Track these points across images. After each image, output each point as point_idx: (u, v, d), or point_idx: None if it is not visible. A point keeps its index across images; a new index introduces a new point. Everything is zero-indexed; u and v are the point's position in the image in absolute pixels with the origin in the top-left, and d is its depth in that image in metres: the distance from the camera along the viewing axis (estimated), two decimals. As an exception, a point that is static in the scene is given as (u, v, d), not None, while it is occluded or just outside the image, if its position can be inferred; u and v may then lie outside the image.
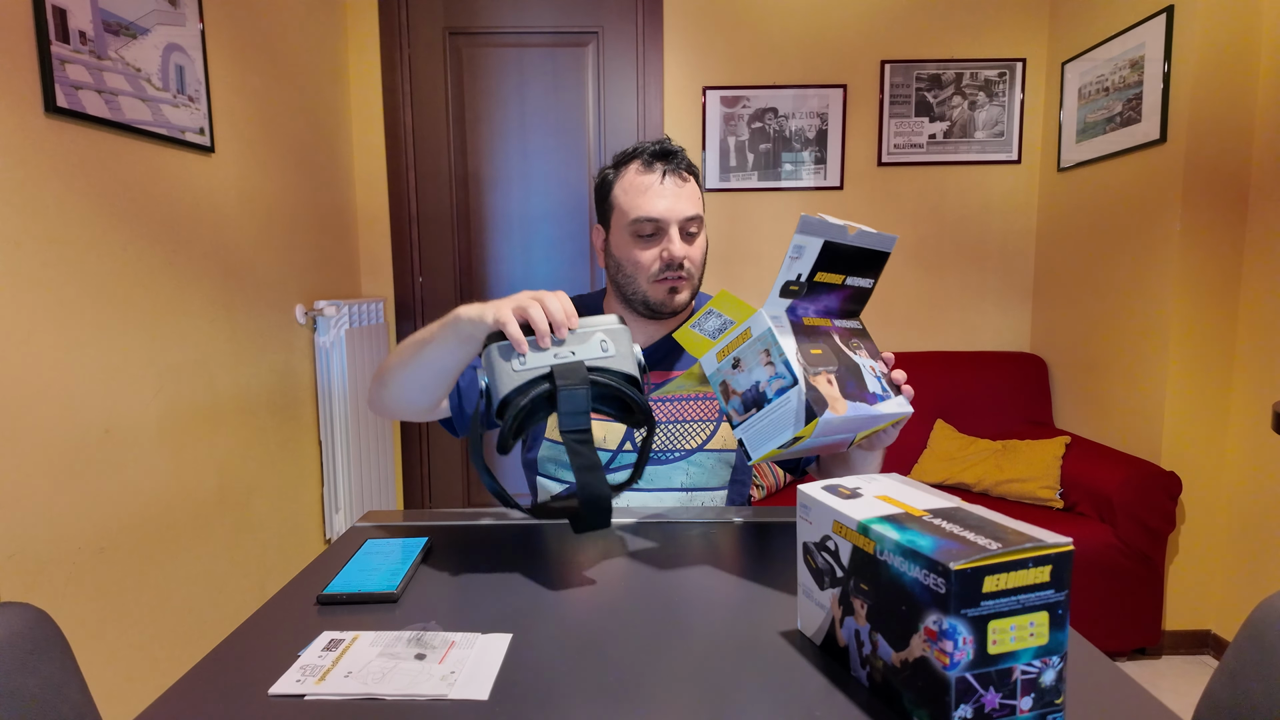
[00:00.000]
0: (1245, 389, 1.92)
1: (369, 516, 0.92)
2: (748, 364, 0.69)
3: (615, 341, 0.74)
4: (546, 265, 2.59)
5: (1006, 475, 2.12)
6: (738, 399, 0.70)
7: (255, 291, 1.81)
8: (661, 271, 1.00)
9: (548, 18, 2.49)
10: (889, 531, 0.48)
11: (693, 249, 1.01)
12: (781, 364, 0.67)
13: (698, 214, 1.01)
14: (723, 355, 0.70)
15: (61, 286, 1.22)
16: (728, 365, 0.70)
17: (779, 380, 0.67)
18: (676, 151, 1.01)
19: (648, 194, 0.99)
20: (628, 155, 1.03)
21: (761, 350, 0.68)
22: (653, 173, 0.99)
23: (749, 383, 0.69)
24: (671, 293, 1.01)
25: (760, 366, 0.68)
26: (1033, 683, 0.44)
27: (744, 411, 0.70)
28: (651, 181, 0.99)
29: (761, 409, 0.68)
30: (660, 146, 1.01)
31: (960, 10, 2.50)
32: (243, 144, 1.76)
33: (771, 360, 0.67)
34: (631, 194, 1.00)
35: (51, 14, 1.18)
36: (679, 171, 1.00)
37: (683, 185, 1.00)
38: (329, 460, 2.15)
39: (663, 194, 0.98)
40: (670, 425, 1.04)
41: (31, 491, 1.16)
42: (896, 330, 2.63)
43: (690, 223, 1.00)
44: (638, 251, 1.01)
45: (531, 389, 0.70)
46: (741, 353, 0.69)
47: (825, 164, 2.54)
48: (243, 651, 0.58)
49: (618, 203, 1.02)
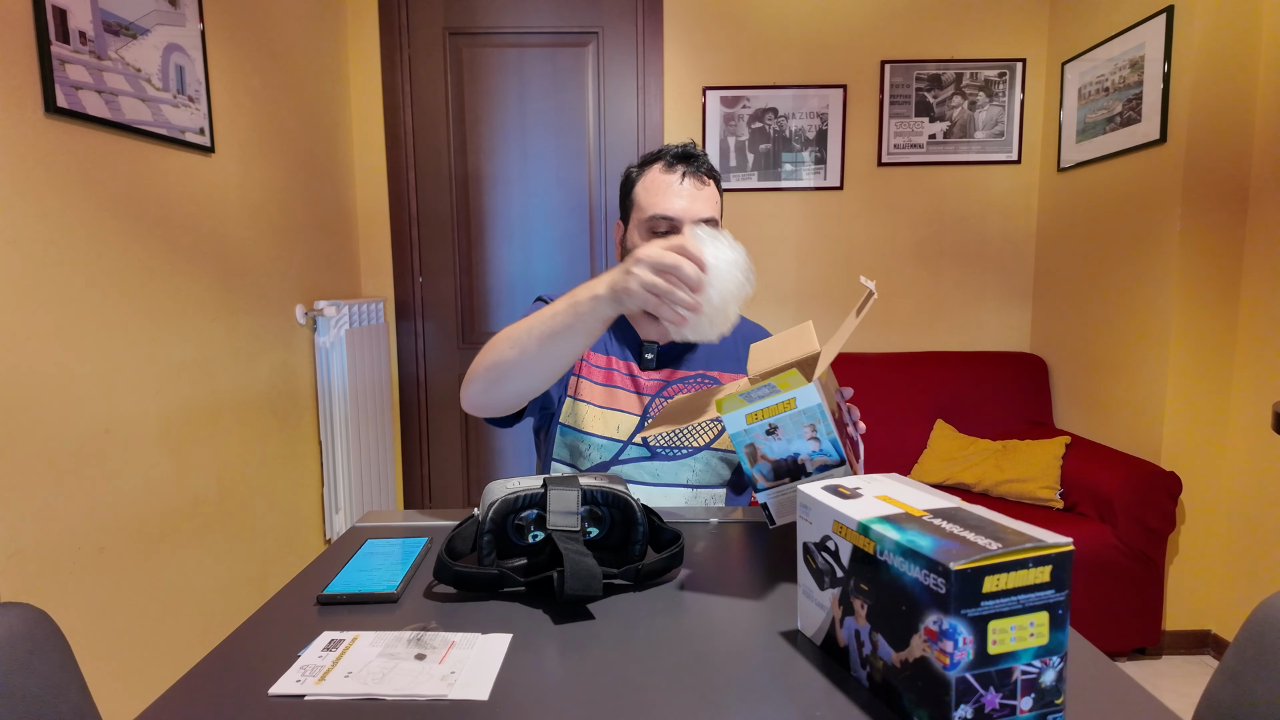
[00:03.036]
0: (1245, 389, 1.92)
1: (369, 516, 0.92)
2: (787, 434, 0.68)
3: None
4: (546, 265, 2.59)
5: (1006, 475, 2.12)
6: (768, 465, 0.70)
7: (255, 291, 1.81)
8: None
9: (548, 18, 2.49)
10: (889, 531, 0.48)
11: None
12: (829, 442, 0.67)
13: (713, 216, 1.03)
14: (754, 418, 0.69)
15: (61, 286, 1.22)
16: (760, 429, 0.68)
17: (823, 457, 0.68)
18: (699, 155, 1.04)
19: (666, 193, 1.01)
20: (653, 156, 1.06)
21: (807, 424, 0.67)
22: (673, 173, 1.02)
23: (786, 452, 0.69)
24: None
25: (802, 440, 0.68)
26: (1033, 683, 0.44)
27: (774, 479, 0.70)
28: (671, 181, 1.02)
29: (797, 480, 0.69)
30: (684, 149, 1.05)
31: (960, 10, 2.50)
32: (243, 144, 1.76)
33: (817, 435, 0.67)
34: (651, 192, 1.03)
35: (51, 14, 1.18)
36: (699, 174, 1.03)
37: (701, 188, 1.02)
38: (329, 460, 2.15)
39: (681, 194, 1.01)
40: None
41: (31, 491, 1.16)
42: (896, 330, 2.63)
43: (706, 225, 1.01)
44: None
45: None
46: (780, 421, 0.68)
47: (825, 164, 2.54)
48: (243, 651, 0.58)
49: (638, 199, 1.05)
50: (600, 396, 1.07)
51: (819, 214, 2.57)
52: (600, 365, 1.09)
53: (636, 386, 1.07)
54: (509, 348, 0.86)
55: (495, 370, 0.87)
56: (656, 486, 1.04)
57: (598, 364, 1.09)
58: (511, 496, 0.70)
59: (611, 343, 1.10)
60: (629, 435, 1.05)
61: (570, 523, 0.69)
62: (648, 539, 0.73)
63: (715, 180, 1.06)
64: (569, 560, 0.64)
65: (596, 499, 0.73)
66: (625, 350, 1.10)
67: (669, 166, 1.03)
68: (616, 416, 1.05)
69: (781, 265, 2.59)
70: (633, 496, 0.73)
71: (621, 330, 1.11)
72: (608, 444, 1.04)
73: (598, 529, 0.73)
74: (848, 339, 0.71)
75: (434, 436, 2.65)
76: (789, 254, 2.58)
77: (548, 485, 0.71)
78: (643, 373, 1.08)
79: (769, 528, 0.86)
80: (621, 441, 1.04)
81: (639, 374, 1.08)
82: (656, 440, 1.05)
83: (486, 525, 0.69)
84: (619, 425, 1.05)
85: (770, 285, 2.60)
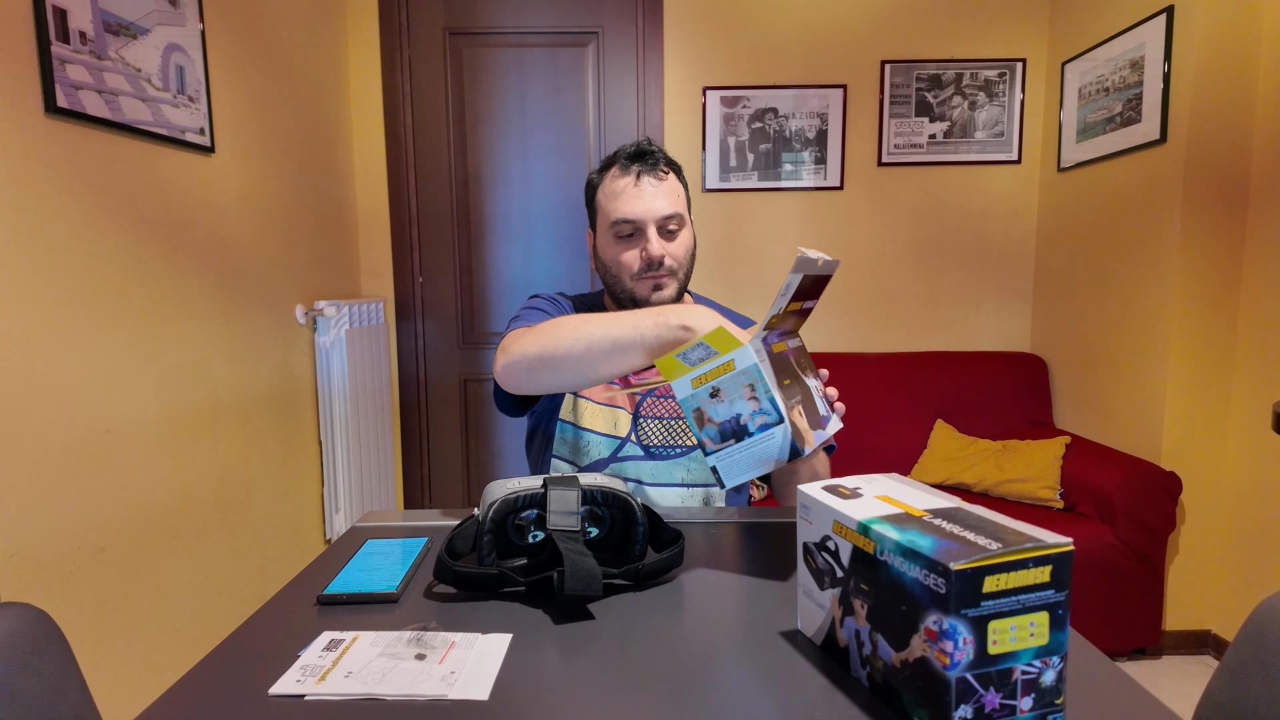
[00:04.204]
0: (1245, 389, 1.92)
1: (369, 516, 0.92)
2: (729, 395, 0.69)
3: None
4: (546, 265, 2.59)
5: (1006, 475, 2.12)
6: (714, 428, 0.70)
7: (255, 291, 1.81)
8: (643, 270, 1.03)
9: (548, 18, 2.49)
10: (889, 531, 0.48)
11: (674, 245, 1.04)
12: (767, 401, 0.68)
13: (676, 212, 1.02)
14: (699, 382, 0.71)
15: (61, 286, 1.22)
16: (704, 393, 0.70)
17: (763, 416, 0.68)
18: (652, 151, 1.04)
19: (624, 196, 1.02)
20: (609, 160, 1.06)
21: (745, 384, 0.68)
22: (629, 175, 1.02)
23: (729, 414, 0.70)
24: (656, 289, 1.04)
25: (743, 400, 0.69)
26: (1033, 683, 0.44)
27: (720, 441, 0.70)
28: (628, 183, 1.02)
29: (741, 440, 0.69)
30: (636, 147, 1.04)
31: (960, 10, 2.50)
32: (243, 144, 1.76)
33: (756, 395, 0.68)
34: (610, 196, 1.03)
35: (51, 14, 1.18)
36: (655, 170, 1.02)
37: (659, 184, 1.02)
38: (329, 460, 2.15)
39: (639, 195, 1.01)
40: (670, 420, 1.05)
41: (31, 491, 1.16)
42: (896, 330, 2.63)
43: (669, 220, 1.03)
44: (620, 252, 1.04)
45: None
46: (722, 384, 0.69)
47: (825, 164, 2.54)
48: (243, 651, 0.58)
49: (600, 205, 1.06)
50: (599, 393, 1.07)
51: (819, 214, 2.57)
52: None
53: (626, 383, 1.07)
54: (574, 341, 0.84)
55: (551, 358, 0.85)
56: (653, 486, 1.04)
57: None
58: (511, 496, 0.70)
59: None
60: (626, 432, 1.05)
61: (570, 523, 0.69)
62: (648, 539, 0.73)
63: (677, 171, 1.06)
64: (569, 560, 0.64)
65: (596, 499, 0.73)
66: None
67: (624, 168, 1.03)
68: (614, 413, 1.06)
69: (781, 265, 2.58)
70: (633, 496, 0.73)
71: None
72: (606, 441, 1.04)
73: (598, 529, 0.73)
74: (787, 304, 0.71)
75: (434, 436, 2.65)
76: (789, 254, 2.58)
77: (548, 485, 0.71)
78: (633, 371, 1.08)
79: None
80: (620, 438, 1.04)
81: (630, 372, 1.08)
82: (651, 439, 1.05)
83: (486, 525, 0.69)
84: (616, 421, 1.05)
85: (770, 285, 2.60)
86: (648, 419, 1.06)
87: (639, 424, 1.05)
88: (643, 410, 1.06)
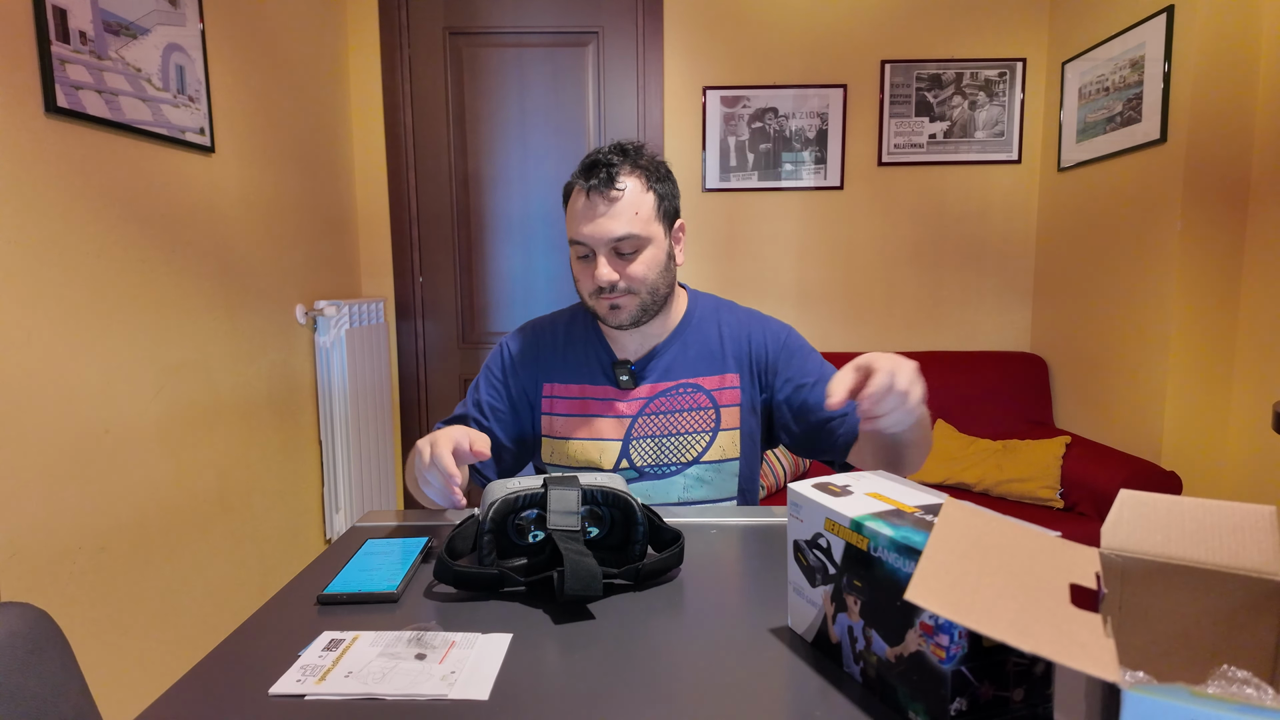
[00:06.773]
0: (1245, 389, 1.92)
1: (369, 516, 0.92)
2: None
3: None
4: (546, 265, 2.59)
5: (1007, 475, 2.12)
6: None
7: (255, 291, 1.81)
8: (599, 291, 0.97)
9: (548, 18, 2.49)
10: (882, 528, 0.48)
11: (631, 267, 0.96)
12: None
13: (630, 233, 0.94)
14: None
15: (61, 286, 1.22)
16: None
17: None
18: (608, 163, 0.94)
19: (578, 216, 0.96)
20: (576, 170, 0.99)
21: None
22: (582, 193, 0.96)
23: None
24: (612, 309, 0.98)
25: None
26: (1025, 674, 0.44)
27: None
28: (581, 201, 0.96)
29: None
30: (592, 160, 0.96)
31: (960, 10, 2.50)
32: (243, 144, 1.76)
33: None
34: (570, 214, 0.98)
35: (52, 14, 1.18)
36: (608, 188, 0.93)
37: (610, 204, 0.94)
38: (329, 460, 2.15)
39: (589, 216, 0.95)
40: (663, 439, 1.02)
41: (31, 491, 1.16)
42: (896, 330, 2.63)
43: (622, 243, 0.95)
44: (579, 270, 1.00)
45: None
46: None
47: (825, 164, 2.54)
48: (243, 651, 0.58)
49: (567, 221, 1.00)
50: (578, 429, 1.03)
51: (819, 214, 2.57)
52: (574, 396, 1.04)
53: (615, 411, 1.03)
54: (416, 482, 0.91)
55: (419, 494, 0.92)
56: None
57: (569, 395, 1.04)
58: (512, 496, 0.70)
59: (581, 370, 1.05)
60: (613, 464, 1.02)
61: (570, 522, 0.70)
62: (648, 539, 0.73)
63: (643, 174, 0.96)
64: (569, 560, 0.64)
65: (597, 499, 0.73)
66: (597, 374, 1.04)
67: (581, 184, 0.96)
68: (599, 446, 1.02)
69: (781, 265, 2.59)
70: (633, 496, 0.73)
71: (588, 354, 1.06)
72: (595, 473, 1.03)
73: (598, 529, 0.74)
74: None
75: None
76: (789, 254, 2.58)
77: (548, 485, 0.71)
78: (621, 393, 1.03)
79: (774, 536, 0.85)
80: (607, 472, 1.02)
81: (617, 397, 1.03)
82: (643, 460, 1.02)
83: (487, 525, 0.69)
84: (602, 454, 1.02)
85: (770, 285, 2.60)
86: (640, 439, 1.02)
87: (630, 446, 1.02)
88: (634, 431, 1.02)
